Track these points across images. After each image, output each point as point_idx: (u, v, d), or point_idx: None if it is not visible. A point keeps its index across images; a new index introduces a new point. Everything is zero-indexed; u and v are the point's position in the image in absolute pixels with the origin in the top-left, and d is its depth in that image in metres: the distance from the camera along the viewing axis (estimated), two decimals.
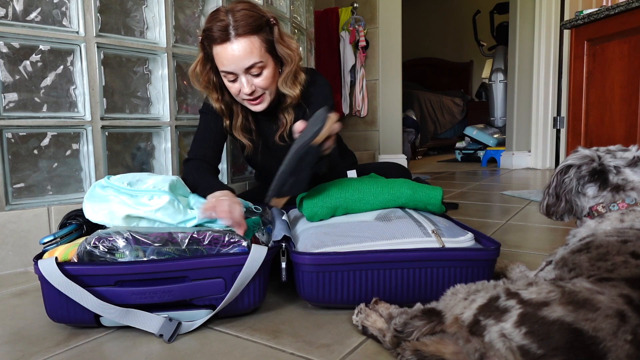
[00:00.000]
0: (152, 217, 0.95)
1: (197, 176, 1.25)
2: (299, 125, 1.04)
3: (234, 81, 1.21)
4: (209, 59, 1.24)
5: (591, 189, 0.84)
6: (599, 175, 0.83)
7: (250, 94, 1.22)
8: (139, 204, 0.96)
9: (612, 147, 0.86)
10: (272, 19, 1.22)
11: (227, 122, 1.35)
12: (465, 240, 0.94)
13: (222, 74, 1.23)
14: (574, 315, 0.53)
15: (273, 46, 1.22)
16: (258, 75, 1.20)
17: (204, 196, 1.10)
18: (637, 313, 0.54)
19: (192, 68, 1.27)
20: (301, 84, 1.28)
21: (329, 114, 0.98)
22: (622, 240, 0.70)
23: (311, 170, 1.00)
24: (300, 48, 2.23)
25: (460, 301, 0.63)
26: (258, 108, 1.28)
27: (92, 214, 0.97)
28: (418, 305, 0.71)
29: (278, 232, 0.98)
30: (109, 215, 0.96)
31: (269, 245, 0.96)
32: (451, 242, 0.92)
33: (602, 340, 0.51)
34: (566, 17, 3.48)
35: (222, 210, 0.97)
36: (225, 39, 1.15)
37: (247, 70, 1.19)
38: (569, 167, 0.85)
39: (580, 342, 0.51)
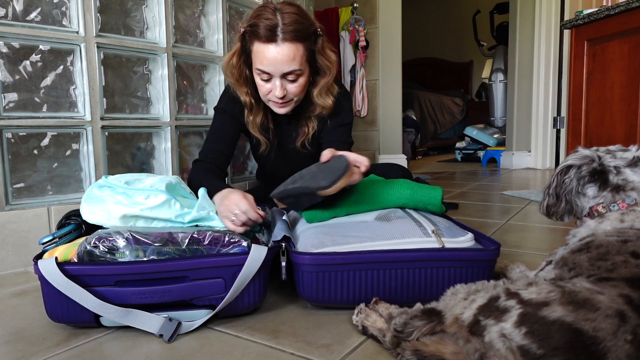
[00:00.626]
0: (147, 215, 0.95)
1: (202, 177, 1.24)
2: (325, 155, 1.05)
3: (267, 81, 1.20)
4: (244, 52, 1.22)
5: (591, 189, 0.84)
6: (599, 175, 0.83)
7: (281, 98, 1.21)
8: (134, 203, 0.96)
9: (612, 147, 0.86)
10: (319, 30, 1.21)
11: (251, 117, 1.33)
12: (465, 240, 0.94)
13: (256, 72, 1.21)
14: (574, 315, 0.53)
15: (314, 56, 1.22)
16: (293, 81, 1.20)
17: (210, 196, 1.10)
18: (637, 313, 0.54)
19: (227, 59, 1.25)
20: (334, 95, 1.29)
21: (350, 165, 0.99)
22: (622, 240, 0.70)
23: (313, 202, 1.03)
24: None
25: (460, 301, 0.63)
26: (282, 111, 1.27)
27: (89, 215, 0.97)
28: (418, 305, 0.71)
29: (278, 232, 0.98)
30: (106, 215, 0.96)
31: (269, 245, 0.96)
32: (451, 242, 0.92)
33: (602, 340, 0.51)
34: (566, 17, 3.48)
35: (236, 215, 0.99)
36: (271, 39, 1.13)
37: (284, 75, 1.18)
38: (569, 167, 0.85)
39: (580, 342, 0.51)
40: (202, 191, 1.08)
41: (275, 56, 1.14)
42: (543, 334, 0.52)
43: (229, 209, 1.00)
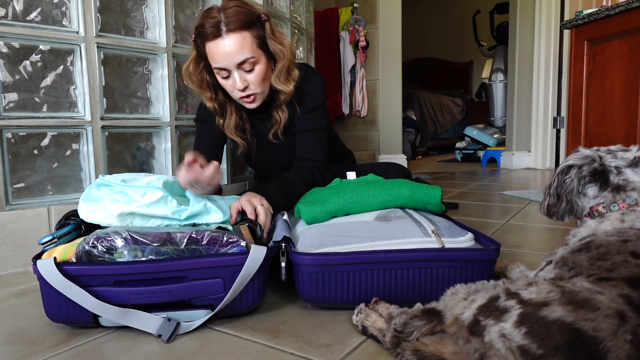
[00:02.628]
0: (144, 213, 0.95)
1: None
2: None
3: (227, 78, 1.22)
4: (202, 57, 1.24)
5: (592, 189, 0.84)
6: (600, 175, 0.83)
7: (243, 90, 1.23)
8: (131, 200, 0.96)
9: (612, 147, 0.86)
10: (263, 15, 1.22)
11: (221, 121, 1.36)
12: (465, 240, 0.94)
13: (215, 71, 1.23)
14: (573, 315, 0.53)
15: (265, 42, 1.23)
16: (250, 71, 1.21)
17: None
18: (637, 313, 0.54)
19: (185, 67, 1.28)
20: (295, 80, 1.28)
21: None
22: (623, 240, 0.71)
23: None
24: (301, 48, 2.23)
25: (460, 301, 0.63)
26: (252, 106, 1.29)
27: (86, 215, 0.97)
28: (418, 305, 0.71)
29: (278, 233, 0.98)
30: (103, 214, 0.95)
31: (269, 245, 0.96)
32: (451, 242, 0.92)
33: (602, 340, 0.51)
34: (566, 17, 3.48)
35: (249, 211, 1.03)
36: (216, 34, 1.16)
37: (239, 66, 1.19)
38: (570, 167, 0.85)
39: (580, 342, 0.51)
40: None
41: (224, 49, 1.17)
42: (543, 334, 0.52)
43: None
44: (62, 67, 1.36)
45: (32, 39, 1.29)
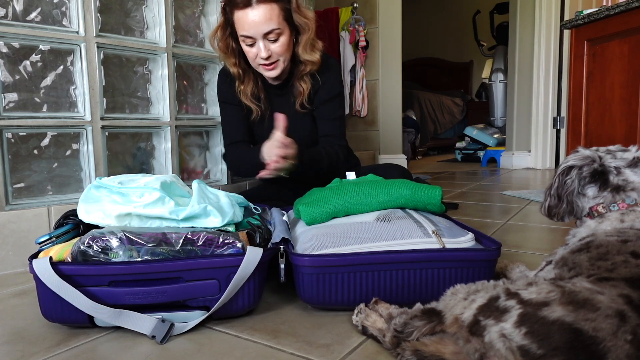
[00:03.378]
0: (141, 213, 0.95)
1: (244, 153, 1.38)
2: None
3: (251, 46, 1.29)
4: (228, 24, 1.31)
5: (591, 190, 0.84)
6: (600, 176, 0.83)
7: (266, 59, 1.30)
8: (129, 201, 0.95)
9: (612, 148, 0.86)
10: None
11: (241, 87, 1.42)
12: (465, 240, 0.94)
13: (241, 39, 1.30)
14: (574, 315, 0.53)
15: (290, 15, 1.31)
16: (275, 41, 1.28)
17: (259, 160, 1.23)
18: (637, 313, 0.54)
19: (212, 33, 1.36)
20: (320, 50, 1.37)
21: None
22: (622, 240, 0.71)
23: None
24: None
25: (460, 301, 0.63)
26: (272, 74, 1.35)
27: (85, 215, 0.97)
28: (418, 306, 0.71)
29: (277, 234, 0.98)
30: (101, 215, 0.95)
31: (269, 243, 0.96)
32: (452, 243, 0.92)
33: (602, 340, 0.51)
34: (566, 17, 3.48)
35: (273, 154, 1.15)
36: (247, 4, 1.24)
37: (265, 36, 1.27)
38: (571, 168, 0.85)
39: (580, 342, 0.51)
40: (195, 184, 1.07)
41: (253, 19, 1.24)
42: (543, 334, 0.52)
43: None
44: (62, 67, 1.36)
45: (32, 39, 1.29)
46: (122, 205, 0.95)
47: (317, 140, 1.47)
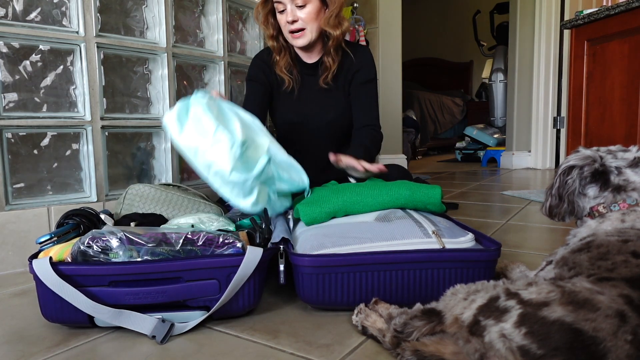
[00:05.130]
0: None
1: None
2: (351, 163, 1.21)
3: (282, 12, 1.39)
4: (269, 0, 1.43)
5: (592, 190, 0.84)
6: (601, 176, 0.83)
7: (292, 23, 1.38)
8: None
9: (612, 148, 0.86)
10: None
11: (277, 58, 1.51)
12: (465, 240, 0.94)
13: (275, 6, 1.40)
14: (574, 316, 0.53)
15: None
16: (302, 7, 1.37)
17: None
18: (637, 313, 0.54)
19: (255, 8, 1.47)
20: (343, 27, 1.43)
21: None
22: (623, 240, 0.70)
23: None
24: None
25: (460, 301, 0.63)
26: (298, 42, 1.42)
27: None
28: (418, 306, 0.71)
29: (277, 234, 0.98)
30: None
31: (270, 243, 0.96)
32: (451, 243, 0.92)
33: (602, 341, 0.51)
34: (566, 17, 3.48)
35: None
36: None
37: (293, 1, 1.36)
38: (572, 168, 0.85)
39: (580, 342, 0.51)
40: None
41: None
42: (543, 334, 0.52)
43: None
44: (62, 67, 1.36)
45: (32, 39, 1.29)
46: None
47: (347, 119, 1.54)
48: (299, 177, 1.18)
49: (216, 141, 0.94)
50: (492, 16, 4.98)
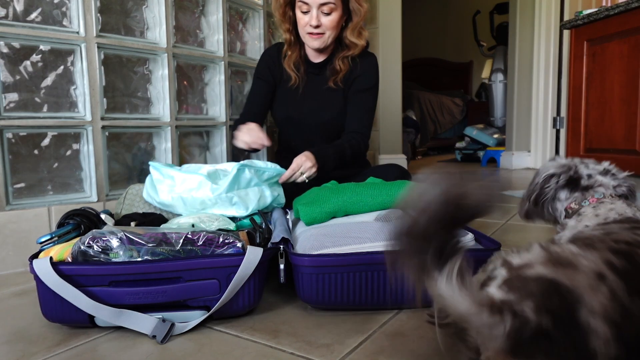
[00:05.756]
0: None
1: (237, 126, 1.46)
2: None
3: (305, 13, 1.42)
4: None
5: (564, 193, 0.89)
6: (573, 182, 0.88)
7: (315, 27, 1.41)
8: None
9: (586, 160, 0.92)
10: None
11: (289, 52, 1.54)
12: (465, 241, 0.94)
13: (297, 5, 1.42)
14: (553, 272, 0.54)
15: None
16: (327, 14, 1.40)
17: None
18: (616, 275, 0.55)
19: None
20: (365, 38, 1.51)
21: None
22: (606, 233, 0.73)
23: None
24: None
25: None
26: (315, 44, 1.46)
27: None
28: None
29: (277, 234, 0.98)
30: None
31: (270, 242, 0.96)
32: None
33: (577, 289, 0.52)
34: (566, 17, 3.48)
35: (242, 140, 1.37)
36: None
37: (320, 7, 1.39)
38: (551, 176, 0.90)
39: (555, 290, 0.52)
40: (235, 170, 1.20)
41: None
42: (521, 286, 0.53)
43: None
44: (62, 67, 1.36)
45: (32, 39, 1.29)
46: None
47: (343, 120, 1.56)
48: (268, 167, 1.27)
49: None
50: (492, 16, 4.98)
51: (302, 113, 1.56)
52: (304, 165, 1.30)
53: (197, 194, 1.14)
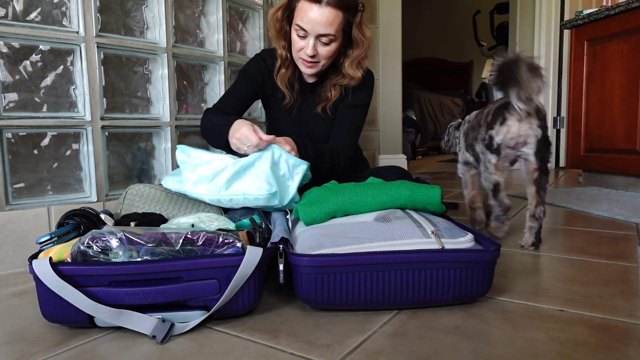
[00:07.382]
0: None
1: (213, 118, 1.33)
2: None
3: (302, 38, 1.31)
4: (289, 9, 1.33)
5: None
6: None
7: (311, 57, 1.32)
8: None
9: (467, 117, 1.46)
10: (360, 5, 1.34)
11: (282, 70, 1.44)
12: (465, 241, 0.94)
13: (294, 27, 1.31)
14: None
15: (350, 28, 1.34)
16: (326, 45, 1.31)
17: (225, 130, 1.23)
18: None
19: (272, 12, 1.37)
20: (363, 69, 1.41)
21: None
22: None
23: None
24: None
25: None
26: (308, 71, 1.37)
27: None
28: None
29: (276, 234, 0.98)
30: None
31: (269, 242, 0.96)
32: (451, 243, 0.92)
33: None
34: (566, 17, 3.48)
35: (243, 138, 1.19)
36: (316, 0, 1.25)
37: (319, 37, 1.29)
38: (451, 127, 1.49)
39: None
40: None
41: (315, 16, 1.25)
42: None
43: (242, 142, 1.19)
44: (62, 67, 1.36)
45: (32, 39, 1.29)
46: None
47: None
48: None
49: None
50: (492, 16, 4.98)
51: (297, 131, 1.51)
52: (282, 146, 1.22)
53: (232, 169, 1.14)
